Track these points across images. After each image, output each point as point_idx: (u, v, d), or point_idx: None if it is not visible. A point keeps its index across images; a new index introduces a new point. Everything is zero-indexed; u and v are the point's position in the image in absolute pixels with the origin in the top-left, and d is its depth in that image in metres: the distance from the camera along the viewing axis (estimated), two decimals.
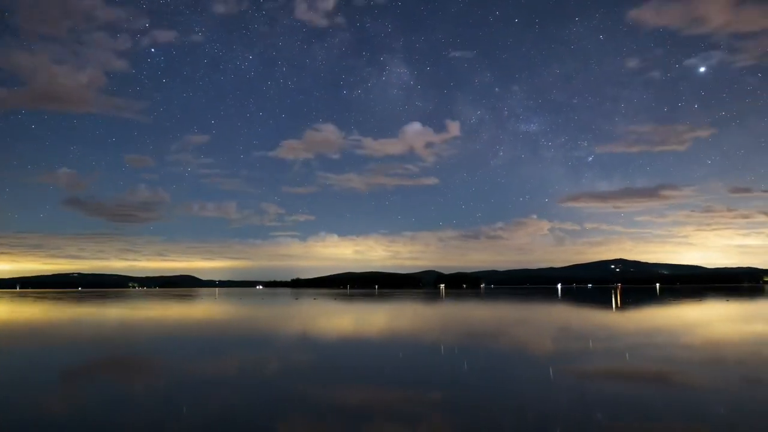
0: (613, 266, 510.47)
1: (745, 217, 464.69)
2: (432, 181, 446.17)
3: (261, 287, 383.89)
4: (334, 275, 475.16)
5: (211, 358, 13.43)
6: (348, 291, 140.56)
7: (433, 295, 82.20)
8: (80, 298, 73.82)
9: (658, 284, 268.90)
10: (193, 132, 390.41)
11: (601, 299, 57.99)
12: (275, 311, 38.34)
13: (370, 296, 78.56)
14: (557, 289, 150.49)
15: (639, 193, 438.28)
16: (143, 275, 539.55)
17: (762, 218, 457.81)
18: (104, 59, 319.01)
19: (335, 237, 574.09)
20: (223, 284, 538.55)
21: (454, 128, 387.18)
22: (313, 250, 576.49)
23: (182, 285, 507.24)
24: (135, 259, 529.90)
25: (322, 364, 12.44)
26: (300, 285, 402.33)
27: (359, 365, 12.20)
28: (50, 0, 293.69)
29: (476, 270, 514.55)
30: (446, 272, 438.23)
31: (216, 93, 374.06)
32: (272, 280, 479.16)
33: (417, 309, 39.83)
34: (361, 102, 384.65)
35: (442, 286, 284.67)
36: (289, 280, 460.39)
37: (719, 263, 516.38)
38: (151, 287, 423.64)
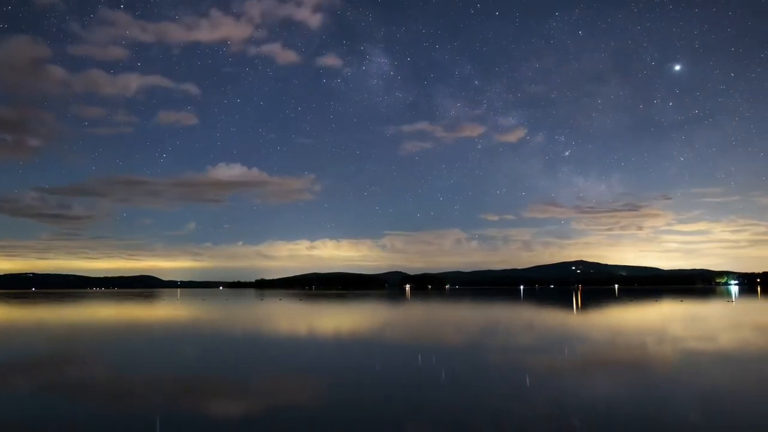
0: (573, 267, 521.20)
1: (706, 217, 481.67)
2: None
3: (222, 288, 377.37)
4: (299, 276, 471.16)
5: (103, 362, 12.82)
6: (313, 291, 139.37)
7: (396, 296, 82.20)
8: (29, 301, 70.92)
9: (617, 285, 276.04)
10: None
11: (562, 300, 58.93)
12: (237, 312, 37.48)
13: (333, 297, 78.00)
14: (520, 290, 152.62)
15: (602, 196, 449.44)
16: (101, 275, 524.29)
17: (721, 219, 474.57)
18: None
19: (302, 237, 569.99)
20: (184, 285, 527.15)
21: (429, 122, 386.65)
22: (278, 250, 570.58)
23: (142, 286, 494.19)
24: (92, 258, 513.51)
25: (265, 363, 12.05)
26: (264, 286, 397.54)
27: (300, 364, 11.86)
28: None
29: (442, 271, 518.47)
30: (412, 273, 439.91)
31: (193, 81, 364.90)
32: (236, 280, 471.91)
33: (379, 310, 39.60)
34: (340, 91, 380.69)
35: (408, 286, 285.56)
36: (253, 280, 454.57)
37: (675, 265, 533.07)
38: (109, 288, 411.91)
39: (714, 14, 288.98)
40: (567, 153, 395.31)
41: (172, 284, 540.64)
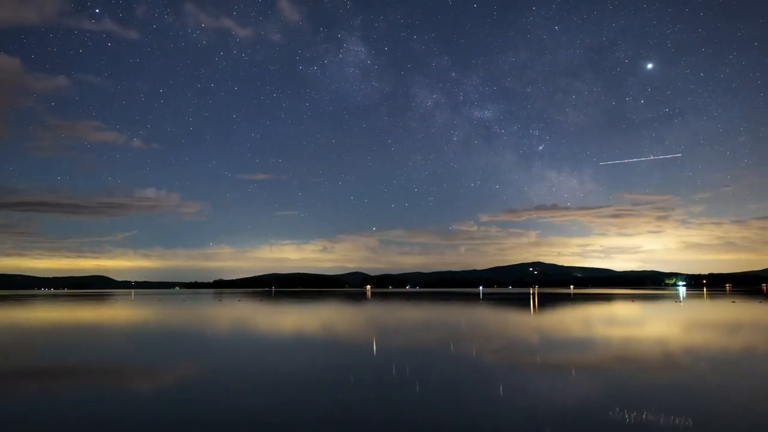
0: (531, 269, 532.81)
1: (659, 219, 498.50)
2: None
3: (178, 288, 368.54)
4: (258, 276, 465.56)
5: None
6: (272, 292, 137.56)
7: (355, 297, 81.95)
8: None
9: (572, 286, 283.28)
10: None
11: (517, 301, 59.93)
12: (196, 313, 36.51)
13: (293, 298, 77.15)
14: (479, 291, 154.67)
15: (573, 192, 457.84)
16: (50, 276, 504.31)
17: (675, 221, 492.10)
18: None
19: (261, 236, 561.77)
20: (139, 286, 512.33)
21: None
22: (237, 250, 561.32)
23: (94, 286, 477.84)
24: (40, 257, 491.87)
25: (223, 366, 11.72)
26: (222, 286, 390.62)
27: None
28: None
29: (402, 272, 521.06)
30: (372, 273, 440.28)
31: (165, 62, 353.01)
32: (193, 281, 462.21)
33: (336, 310, 39.37)
34: (316, 79, 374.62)
35: (368, 287, 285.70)
36: (211, 281, 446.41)
37: (627, 266, 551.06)
38: (59, 288, 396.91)
39: (686, 15, 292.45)
40: (541, 147, 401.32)
41: (126, 285, 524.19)
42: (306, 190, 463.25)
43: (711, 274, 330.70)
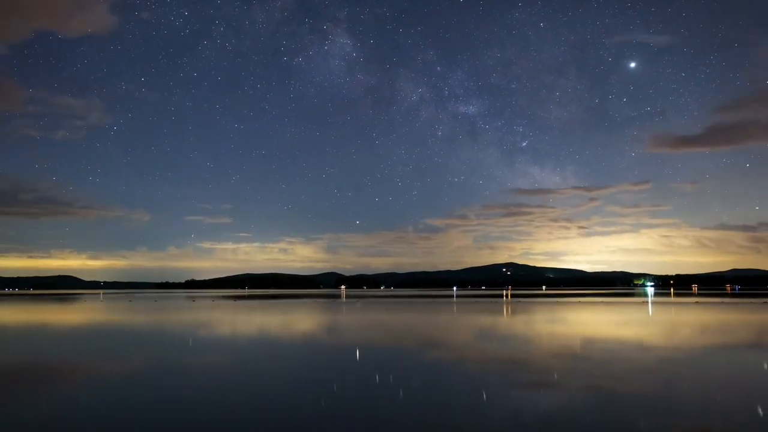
0: (504, 269, 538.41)
1: (630, 221, 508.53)
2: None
3: (149, 289, 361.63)
4: (231, 276, 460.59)
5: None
6: (245, 292, 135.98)
7: (330, 297, 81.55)
8: None
9: (544, 286, 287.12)
10: None
11: (491, 302, 60.36)
12: (170, 316, 35.70)
13: (268, 298, 76.37)
14: (453, 291, 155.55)
15: (556, 187, 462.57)
16: (13, 275, 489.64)
17: (647, 223, 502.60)
18: None
19: (234, 235, 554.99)
20: (108, 286, 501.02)
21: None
22: (210, 249, 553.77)
23: (61, 287, 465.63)
24: (4, 257, 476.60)
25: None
26: (195, 287, 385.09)
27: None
28: None
29: (377, 272, 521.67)
30: (347, 274, 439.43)
31: (147, 50, 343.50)
32: (164, 281, 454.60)
33: (310, 311, 39.04)
34: (301, 71, 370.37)
35: (343, 287, 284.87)
36: (182, 281, 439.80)
37: (598, 267, 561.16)
38: (24, 289, 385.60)
39: (669, 14, 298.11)
40: (524, 143, 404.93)
41: (94, 285, 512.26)
42: (289, 183, 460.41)
43: (678, 275, 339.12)
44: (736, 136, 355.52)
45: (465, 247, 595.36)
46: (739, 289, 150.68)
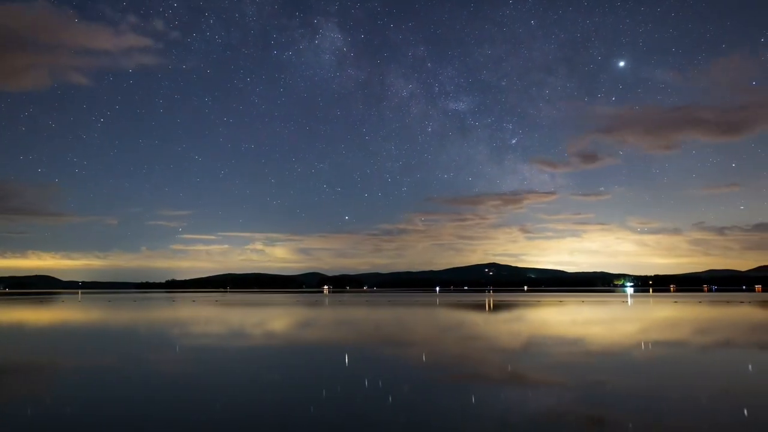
0: (487, 270, 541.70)
1: (611, 221, 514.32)
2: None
3: (129, 289, 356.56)
4: (212, 276, 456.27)
5: None
6: (227, 292, 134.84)
7: (312, 297, 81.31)
8: None
9: (525, 287, 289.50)
10: None
11: (474, 301, 60.68)
12: (150, 315, 35.21)
13: (249, 298, 75.86)
14: (435, 291, 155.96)
15: (543, 186, 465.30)
16: None
17: (626, 224, 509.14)
18: None
19: (214, 235, 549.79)
20: (87, 286, 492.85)
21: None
22: (191, 249, 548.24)
23: (38, 286, 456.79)
24: None
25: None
26: (175, 287, 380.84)
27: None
28: None
29: (360, 272, 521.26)
30: (329, 274, 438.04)
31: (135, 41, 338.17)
32: (144, 281, 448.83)
33: (292, 311, 38.89)
34: (291, 65, 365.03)
35: (326, 287, 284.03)
36: (163, 281, 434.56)
37: (579, 268, 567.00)
38: None
39: (658, 14, 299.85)
40: (514, 141, 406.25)
41: (72, 285, 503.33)
42: (278, 178, 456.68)
43: (656, 276, 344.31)
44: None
45: (448, 247, 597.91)
46: (715, 289, 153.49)
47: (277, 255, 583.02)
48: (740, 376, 11.38)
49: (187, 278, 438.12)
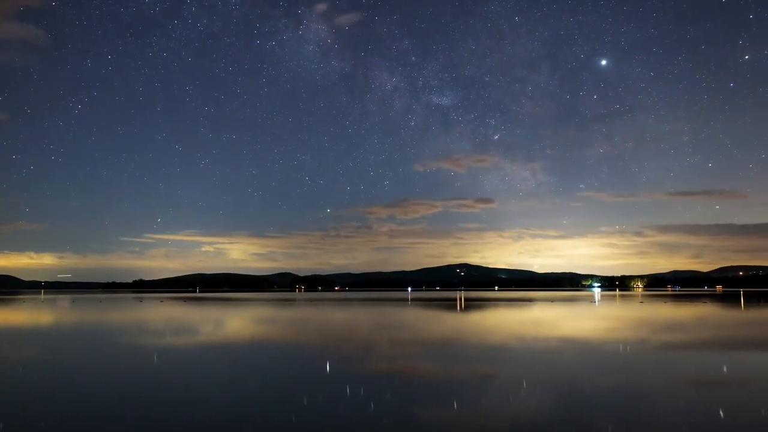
0: (458, 270, 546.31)
1: (579, 222, 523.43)
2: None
3: (95, 289, 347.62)
4: (181, 276, 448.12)
5: None
6: (197, 293, 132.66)
7: (284, 298, 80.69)
8: None
9: (496, 287, 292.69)
10: None
11: (445, 302, 61.11)
12: (115, 316, 34.42)
13: (219, 299, 74.81)
14: (407, 291, 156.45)
15: (524, 182, 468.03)
16: None
17: (595, 226, 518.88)
18: None
19: (184, 233, 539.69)
20: (50, 286, 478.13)
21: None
22: (161, 246, 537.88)
23: None
24: None
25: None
26: (143, 287, 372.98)
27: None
28: None
29: (332, 272, 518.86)
30: (302, 274, 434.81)
31: (114, 26, 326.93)
32: (110, 281, 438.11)
33: (264, 311, 38.56)
34: (274, 55, 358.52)
35: (299, 287, 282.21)
36: (130, 281, 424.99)
37: (548, 268, 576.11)
38: None
39: (640, 14, 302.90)
40: (496, 137, 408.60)
41: (35, 285, 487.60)
42: (260, 169, 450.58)
43: (622, 276, 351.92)
44: None
45: (420, 246, 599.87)
46: (678, 289, 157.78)
47: (250, 254, 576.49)
48: (708, 367, 11.75)
49: (156, 278, 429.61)
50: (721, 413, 7.57)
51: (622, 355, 14.08)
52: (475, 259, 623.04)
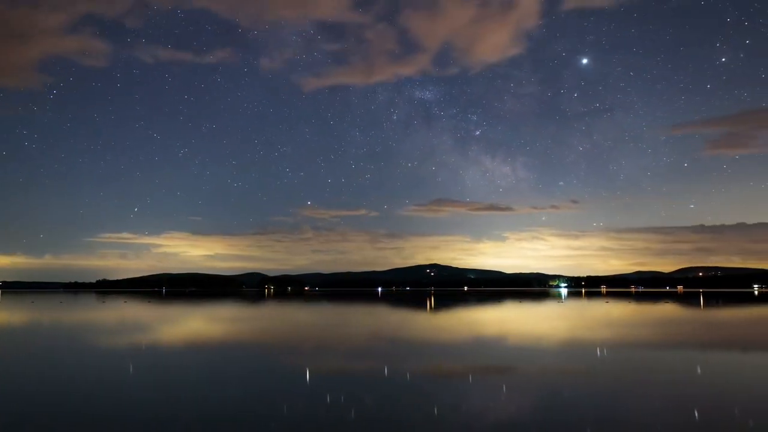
0: (428, 270, 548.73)
1: (550, 223, 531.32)
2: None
3: (57, 289, 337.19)
4: (147, 276, 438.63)
5: None
6: (163, 293, 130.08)
7: (253, 298, 79.81)
8: None
9: (466, 287, 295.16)
10: None
11: (415, 302, 61.40)
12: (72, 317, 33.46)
13: (185, 299, 73.54)
14: (377, 291, 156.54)
15: (504, 179, 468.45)
16: None
17: (561, 227, 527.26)
18: None
19: (149, 231, 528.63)
20: (8, 285, 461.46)
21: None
22: (121, 248, 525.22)
23: None
24: None
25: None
26: (107, 287, 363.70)
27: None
28: None
29: (301, 272, 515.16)
30: (271, 274, 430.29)
31: (90, 7, 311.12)
32: (73, 281, 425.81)
33: (233, 312, 38.12)
34: (257, 44, 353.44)
35: (268, 287, 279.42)
36: (93, 281, 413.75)
37: (516, 269, 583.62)
38: None
39: (621, 14, 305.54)
40: (478, 132, 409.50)
41: None
42: (240, 159, 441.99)
43: (588, 277, 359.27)
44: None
45: (391, 247, 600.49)
46: (641, 290, 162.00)
47: (219, 254, 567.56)
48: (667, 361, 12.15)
49: (121, 278, 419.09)
50: (686, 405, 7.85)
51: (590, 353, 14.42)
52: (445, 260, 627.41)
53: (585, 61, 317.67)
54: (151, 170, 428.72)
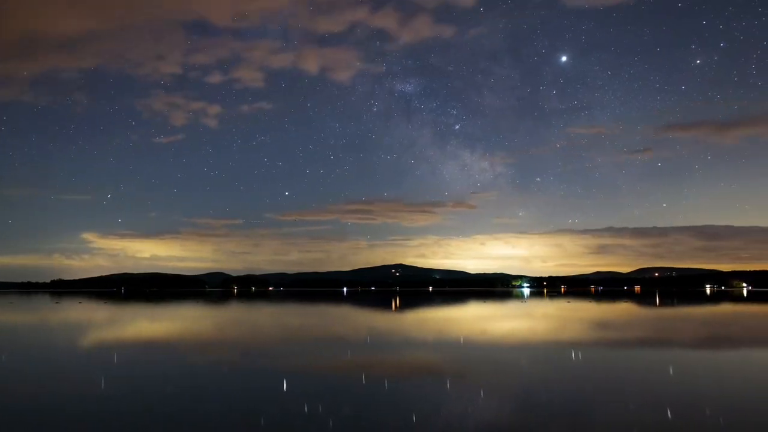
0: (393, 270, 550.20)
1: (516, 222, 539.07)
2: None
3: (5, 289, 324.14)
4: (105, 276, 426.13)
5: None
6: (122, 293, 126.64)
7: (216, 298, 78.73)
8: None
9: (431, 287, 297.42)
10: None
11: (381, 302, 61.66)
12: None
13: (145, 300, 71.95)
14: (343, 291, 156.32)
15: (482, 174, 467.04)
16: None
17: (529, 227, 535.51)
18: None
19: (113, 227, 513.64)
20: None
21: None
22: (82, 243, 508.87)
23: None
24: None
25: None
26: (62, 287, 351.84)
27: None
28: None
29: (266, 272, 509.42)
30: (234, 274, 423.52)
31: None
32: (25, 281, 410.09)
33: (193, 312, 37.54)
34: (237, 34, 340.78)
35: (232, 287, 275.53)
36: (48, 281, 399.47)
37: (480, 269, 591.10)
38: None
39: (600, 13, 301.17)
40: (457, 126, 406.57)
41: None
42: (217, 149, 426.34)
43: (550, 277, 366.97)
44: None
45: (356, 246, 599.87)
46: (601, 290, 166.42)
47: (180, 252, 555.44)
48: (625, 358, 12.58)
49: (78, 278, 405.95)
50: (649, 399, 8.19)
51: (555, 351, 14.82)
52: (410, 260, 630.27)
53: (564, 58, 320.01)
54: (124, 157, 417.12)
